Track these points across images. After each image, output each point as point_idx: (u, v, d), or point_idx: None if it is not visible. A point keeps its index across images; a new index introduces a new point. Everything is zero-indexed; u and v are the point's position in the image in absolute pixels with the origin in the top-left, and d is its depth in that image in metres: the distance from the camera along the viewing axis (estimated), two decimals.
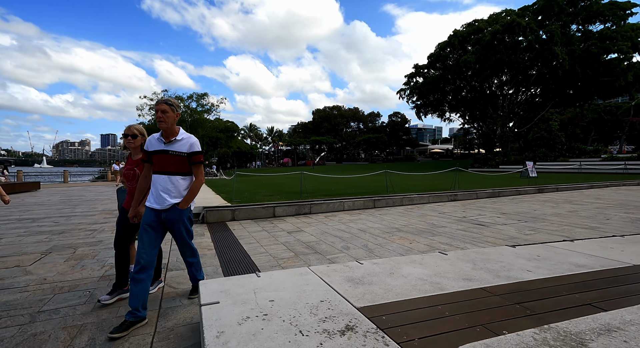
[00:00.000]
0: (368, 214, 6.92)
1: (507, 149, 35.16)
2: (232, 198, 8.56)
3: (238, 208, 6.95)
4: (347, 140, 67.60)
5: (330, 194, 9.28)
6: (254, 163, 67.82)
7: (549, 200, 8.11)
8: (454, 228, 5.18)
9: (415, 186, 11.22)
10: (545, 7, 31.92)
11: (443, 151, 67.68)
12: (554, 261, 2.80)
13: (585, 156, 25.30)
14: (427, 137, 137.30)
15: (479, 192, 9.07)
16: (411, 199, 8.35)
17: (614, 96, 36.80)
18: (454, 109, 46.01)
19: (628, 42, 28.36)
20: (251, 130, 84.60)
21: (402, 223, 5.82)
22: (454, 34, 37.43)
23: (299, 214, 7.31)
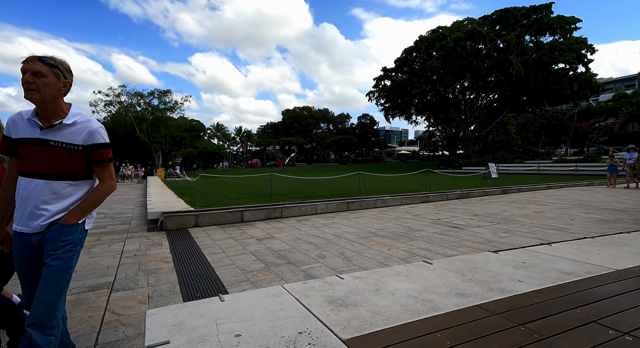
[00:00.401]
0: (342, 218, 6.67)
1: (469, 152, 36.88)
2: (196, 202, 7.94)
3: (202, 213, 6.39)
4: (317, 141, 67.56)
5: (302, 196, 8.94)
6: (221, 163, 65.68)
7: (514, 201, 8.36)
8: (430, 232, 5.06)
9: (387, 188, 11.20)
10: (503, 18, 33.93)
11: (410, 153, 69.82)
12: (541, 269, 2.67)
13: (538, 158, 27.13)
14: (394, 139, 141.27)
15: (449, 193, 9.18)
16: (384, 201, 8.23)
17: (561, 103, 40.02)
18: (419, 112, 47.62)
19: (573, 54, 30.92)
20: (218, 130, 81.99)
21: (378, 226, 5.62)
22: (420, 40, 38.68)
23: (270, 218, 6.89)
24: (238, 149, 75.91)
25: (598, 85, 33.65)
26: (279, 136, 62.55)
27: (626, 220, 5.48)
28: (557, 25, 32.12)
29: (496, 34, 33.88)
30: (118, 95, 39.30)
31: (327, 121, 68.71)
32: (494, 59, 32.33)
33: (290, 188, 12.14)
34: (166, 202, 8.38)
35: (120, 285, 3.12)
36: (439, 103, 42.93)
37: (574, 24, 32.52)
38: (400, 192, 9.52)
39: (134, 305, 2.63)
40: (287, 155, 63.88)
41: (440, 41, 36.78)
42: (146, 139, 39.22)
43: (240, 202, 8.04)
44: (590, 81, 32.67)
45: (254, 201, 8.08)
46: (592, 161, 21.41)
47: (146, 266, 3.73)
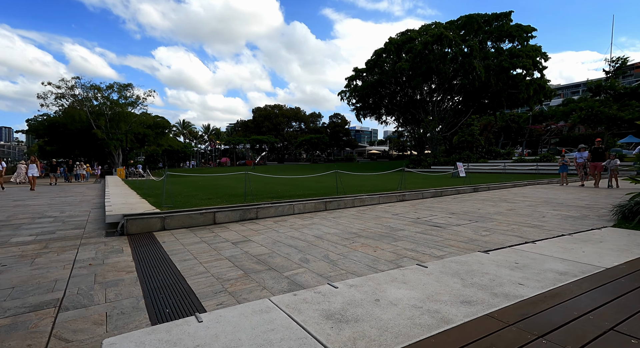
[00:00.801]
0: (321, 218, 6.43)
1: (436, 151, 38.27)
2: (162, 203, 7.33)
3: (170, 215, 5.87)
4: (289, 140, 66.88)
5: (277, 196, 8.59)
6: (188, 162, 63.04)
7: (486, 199, 8.60)
8: (412, 231, 4.96)
9: (363, 187, 11.13)
10: (467, 23, 35.49)
11: (380, 152, 71.25)
12: (535, 270, 2.60)
13: (500, 158, 28.69)
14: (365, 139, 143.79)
15: (424, 192, 9.27)
16: (362, 200, 8.12)
17: (518, 106, 42.64)
18: (389, 113, 48.67)
19: (530, 60, 33.05)
20: (185, 127, 78.65)
21: (359, 227, 5.45)
22: (390, 42, 39.45)
23: (244, 220, 6.49)
24: (206, 147, 73.31)
25: (551, 90, 36.27)
26: (249, 135, 61.13)
27: (591, 217, 5.75)
28: (516, 33, 34.16)
29: (461, 39, 35.36)
30: (71, 87, 36.22)
31: (298, 120, 68.23)
32: (459, 63, 33.73)
33: (263, 187, 11.72)
34: (128, 203, 7.67)
35: (71, 302, 2.65)
36: (408, 104, 44.13)
37: (530, 32, 34.78)
38: (376, 191, 9.47)
39: (88, 328, 2.21)
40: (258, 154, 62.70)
41: (409, 43, 37.72)
42: (104, 135, 36.54)
43: (212, 202, 7.55)
44: (544, 87, 35.13)
45: (226, 202, 7.62)
46: (547, 161, 22.95)
47: (104, 278, 3.25)
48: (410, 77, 38.05)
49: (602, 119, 22.73)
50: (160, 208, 6.76)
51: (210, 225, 6.04)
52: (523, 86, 34.51)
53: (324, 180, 13.88)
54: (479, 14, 35.43)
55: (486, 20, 35.09)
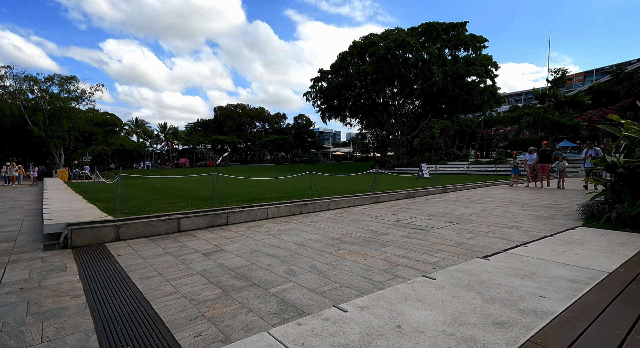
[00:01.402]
0: (298, 222, 6.04)
1: (399, 153, 39.50)
2: (116, 209, 6.46)
3: (126, 223, 5.12)
4: (252, 140, 65.22)
5: (247, 199, 8.03)
6: (142, 163, 58.93)
7: (457, 200, 8.76)
8: (397, 235, 4.77)
9: (334, 188, 10.90)
10: (427, 31, 37.12)
11: (344, 154, 72.15)
12: (545, 278, 2.47)
13: (458, 160, 30.26)
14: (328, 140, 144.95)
15: (397, 193, 9.25)
16: (338, 202, 7.85)
17: (472, 111, 45.54)
18: (353, 115, 49.41)
19: (483, 68, 35.40)
20: (138, 125, 73.53)
21: (341, 232, 5.15)
22: (354, 45, 40.04)
23: (214, 226, 5.90)
24: (162, 147, 69.13)
25: (501, 97, 39.21)
26: (210, 135, 58.59)
27: (559, 216, 5.99)
28: (470, 42, 36.39)
29: (421, 45, 36.87)
30: (0, 77, 32.02)
31: (262, 120, 66.81)
32: (419, 68, 35.12)
33: (230, 190, 11.01)
34: (72, 210, 6.66)
35: None
36: (371, 107, 45.11)
37: (483, 42, 37.27)
38: (350, 193, 9.27)
39: None
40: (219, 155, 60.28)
41: (372, 47, 38.55)
42: (42, 133, 32.72)
43: (174, 207, 6.81)
44: (496, 94, 37.84)
45: (191, 206, 6.93)
46: (501, 163, 24.59)
47: (40, 306, 2.61)
48: (374, 81, 38.91)
49: (546, 125, 24.96)
50: (113, 215, 5.93)
51: (174, 233, 5.38)
52: (477, 93, 36.84)
53: (293, 182, 13.47)
54: (438, 23, 37.22)
55: (444, 29, 36.96)
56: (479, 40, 36.68)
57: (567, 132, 26.18)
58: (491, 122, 54.54)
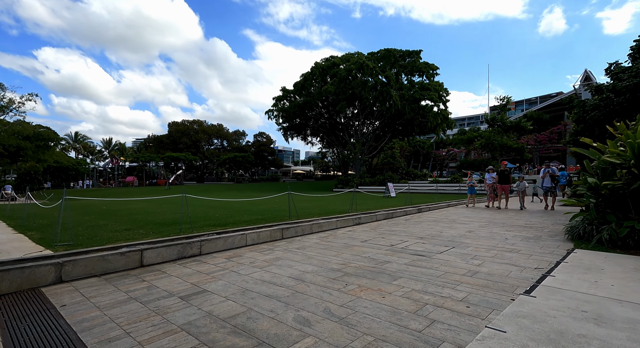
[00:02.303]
0: (284, 250, 5.38)
1: (360, 172, 40.21)
2: (56, 239, 5.26)
3: (71, 259, 4.10)
4: (210, 158, 62.40)
5: (219, 223, 7.16)
6: (82, 182, 53.21)
7: (436, 220, 8.70)
8: (401, 263, 4.36)
9: (308, 209, 10.34)
10: (386, 56, 39.25)
11: (304, 172, 71.97)
12: (620, 322, 2.19)
13: (417, 179, 31.46)
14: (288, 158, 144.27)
15: (377, 214, 8.98)
16: (320, 225, 7.32)
17: (426, 133, 48.39)
18: (315, 134, 49.78)
19: (436, 93, 38.06)
20: (77, 141, 67.03)
21: (337, 261, 4.62)
22: (316, 66, 40.92)
23: (185, 257, 5.03)
24: (106, 164, 63.31)
25: (452, 121, 42.27)
26: (163, 151, 54.96)
27: (545, 237, 6.07)
28: (424, 69, 39.14)
29: (380, 69, 38.79)
30: None
31: (221, 137, 64.53)
32: (378, 91, 36.71)
33: (195, 212, 9.91)
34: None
35: None
36: (332, 126, 45.89)
37: (435, 70, 40.30)
38: (327, 214, 8.80)
39: None
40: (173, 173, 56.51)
41: (334, 68, 39.69)
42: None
43: (132, 235, 5.76)
44: (448, 118, 40.71)
45: (153, 234, 5.92)
46: (457, 182, 25.96)
47: None
48: (336, 101, 39.79)
49: (496, 147, 27.12)
50: (52, 248, 4.79)
51: (136, 269, 4.44)
52: (431, 116, 39.31)
53: (262, 202, 12.66)
54: (395, 49, 39.60)
55: (401, 55, 39.38)
56: (432, 68, 39.60)
57: (514, 154, 28.65)
58: (442, 144, 58.44)
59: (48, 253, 4.44)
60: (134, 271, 4.35)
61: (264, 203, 12.69)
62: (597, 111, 11.04)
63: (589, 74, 38.61)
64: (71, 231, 5.51)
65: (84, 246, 4.97)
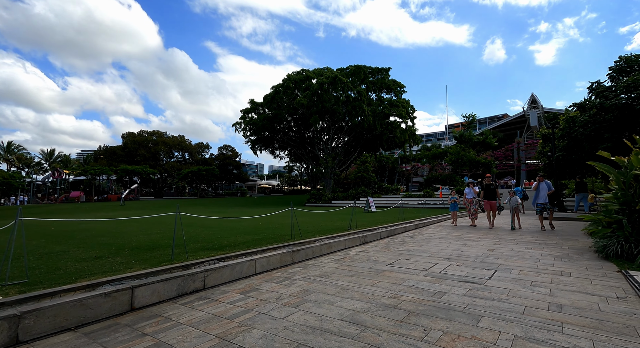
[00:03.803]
0: (305, 279, 4.52)
1: (331, 186, 39.85)
2: (4, 277, 3.89)
3: (32, 309, 2.93)
4: (169, 171, 58.45)
5: (211, 246, 6.06)
6: (15, 197, 46.94)
7: (442, 237, 8.30)
8: (459, 294, 3.73)
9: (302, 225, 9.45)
10: (356, 72, 40.06)
11: (271, 187, 70.18)
12: None
13: (390, 193, 31.74)
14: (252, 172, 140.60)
15: (379, 231, 8.37)
16: (329, 246, 6.52)
17: (394, 148, 49.70)
18: (282, 147, 48.86)
19: (404, 110, 39.39)
20: (10, 151, 59.54)
21: (381, 292, 3.87)
22: (289, 78, 40.57)
23: (186, 293, 3.98)
24: (46, 178, 56.68)
25: (418, 137, 43.91)
26: (117, 164, 50.45)
27: (574, 256, 5.81)
28: (393, 86, 40.52)
29: (352, 85, 39.44)
30: None
31: (182, 150, 60.97)
32: (350, 105, 37.10)
33: (171, 231, 8.56)
34: None
35: None
36: (301, 140, 45.41)
37: (402, 88, 41.89)
38: (325, 232, 8.02)
39: None
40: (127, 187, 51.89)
41: (306, 82, 39.59)
42: None
43: (108, 265, 4.52)
44: (415, 134, 42.21)
45: (136, 263, 4.72)
46: (429, 196, 26.50)
47: None
48: (306, 115, 39.50)
49: (465, 162, 28.33)
50: (2, 293, 3.48)
51: (126, 315, 3.33)
52: (399, 132, 40.48)
53: (246, 219, 11.50)
54: (365, 66, 40.62)
55: (371, 72, 40.46)
56: (399, 86, 41.11)
57: (482, 169, 30.07)
58: (405, 159, 60.55)
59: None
60: (124, 319, 3.24)
61: (250, 220, 11.54)
62: (588, 127, 11.57)
63: (535, 98, 42.54)
64: (25, 263, 4.16)
65: (46, 284, 3.72)
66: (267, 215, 11.53)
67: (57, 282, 3.78)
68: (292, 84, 39.11)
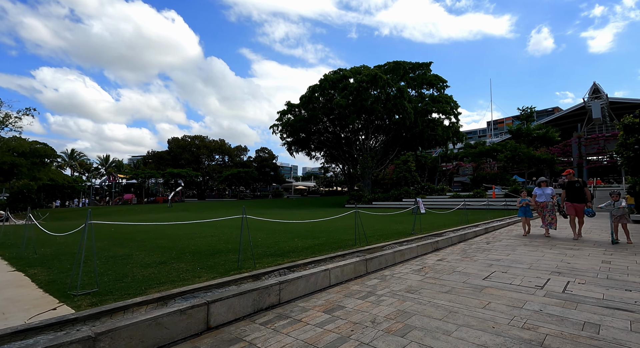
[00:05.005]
0: (391, 294, 3.83)
1: (369, 187, 38.68)
2: (73, 284, 3.62)
3: (107, 330, 2.55)
4: (210, 174, 60.69)
5: (273, 252, 5.59)
6: (78, 200, 51.14)
7: (527, 244, 7.21)
8: (619, 328, 2.84)
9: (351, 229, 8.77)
10: (394, 69, 38.66)
11: (307, 188, 70.31)
12: None
13: (435, 194, 30.02)
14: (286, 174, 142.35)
15: (450, 236, 7.46)
16: (402, 253, 5.79)
17: (432, 147, 47.35)
18: (318, 149, 48.48)
19: (449, 105, 37.26)
20: (73, 158, 65.17)
21: (502, 319, 3.08)
22: (325, 79, 40.11)
23: (262, 309, 3.48)
24: (103, 182, 61.40)
25: (463, 134, 41.37)
26: (164, 167, 53.27)
27: None
28: (435, 81, 38.52)
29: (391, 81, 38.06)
30: None
31: (222, 153, 63.04)
32: (391, 103, 35.74)
33: (224, 234, 8.29)
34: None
35: None
36: (337, 141, 44.74)
37: (445, 82, 39.71)
38: (389, 236, 7.27)
39: None
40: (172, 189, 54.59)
41: (343, 81, 38.89)
42: None
43: (174, 273, 4.17)
44: (458, 131, 39.82)
45: (201, 270, 4.33)
46: (481, 196, 24.56)
47: None
48: (343, 115, 38.80)
49: (523, 159, 25.86)
50: (70, 301, 3.19)
51: (203, 336, 2.87)
52: (440, 129, 38.39)
53: (294, 222, 11.04)
54: (405, 62, 39.09)
55: (411, 67, 38.83)
56: (441, 81, 39.01)
57: (543, 166, 27.36)
58: (445, 157, 57.54)
59: (68, 314, 2.86)
60: (202, 342, 2.78)
61: (301, 222, 11.09)
62: None
63: (597, 87, 38.34)
64: (95, 271, 3.91)
65: (116, 294, 3.40)
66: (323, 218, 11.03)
67: (127, 292, 3.45)
68: (328, 84, 38.58)
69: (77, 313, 2.86)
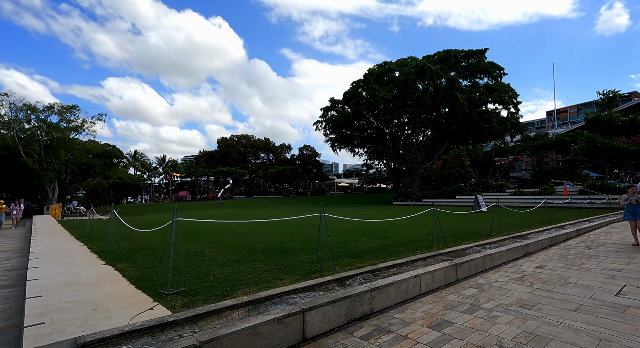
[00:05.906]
0: (504, 310, 3.24)
1: (416, 184, 36.93)
2: (164, 281, 3.55)
3: (212, 337, 2.35)
4: (256, 172, 62.69)
5: (346, 253, 5.23)
6: (140, 197, 55.77)
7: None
8: None
9: (421, 229, 8.11)
10: (445, 58, 36.37)
11: (349, 185, 69.66)
12: None
13: (492, 191, 27.77)
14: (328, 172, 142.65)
15: (541, 239, 6.53)
16: (492, 258, 5.10)
17: (489, 139, 43.75)
18: (361, 145, 47.41)
19: (507, 95, 34.17)
20: (136, 159, 71.21)
21: None
22: (370, 73, 39.01)
23: (355, 319, 3.13)
24: (161, 180, 66.37)
25: (522, 125, 37.74)
26: (214, 166, 56.10)
27: None
28: (490, 69, 35.55)
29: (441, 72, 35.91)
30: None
31: (267, 151, 64.79)
32: (441, 95, 33.67)
33: (285, 232, 8.15)
34: (79, 285, 3.76)
35: None
36: (382, 136, 43.40)
37: (501, 70, 36.42)
38: (463, 237, 6.55)
39: None
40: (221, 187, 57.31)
41: (388, 74, 37.49)
42: (36, 165, 29.84)
43: (253, 273, 3.98)
44: (518, 122, 36.41)
45: (280, 271, 4.10)
46: (549, 193, 22.14)
47: None
48: (388, 109, 37.47)
49: (603, 151, 22.65)
50: (163, 301, 3.09)
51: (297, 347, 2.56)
52: (495, 121, 35.34)
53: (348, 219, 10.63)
54: (456, 50, 36.63)
55: (463, 56, 36.28)
56: (498, 68, 35.84)
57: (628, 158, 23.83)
58: (500, 151, 53.13)
59: (166, 316, 2.73)
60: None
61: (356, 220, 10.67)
62: None
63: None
64: (183, 270, 3.85)
65: (204, 295, 3.26)
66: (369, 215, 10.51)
67: (214, 293, 3.30)
68: (373, 79, 37.46)
69: (175, 315, 2.74)
